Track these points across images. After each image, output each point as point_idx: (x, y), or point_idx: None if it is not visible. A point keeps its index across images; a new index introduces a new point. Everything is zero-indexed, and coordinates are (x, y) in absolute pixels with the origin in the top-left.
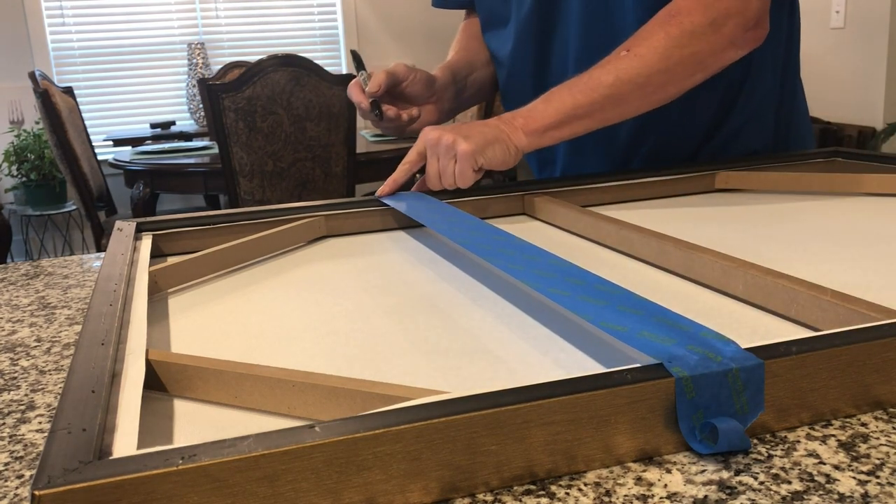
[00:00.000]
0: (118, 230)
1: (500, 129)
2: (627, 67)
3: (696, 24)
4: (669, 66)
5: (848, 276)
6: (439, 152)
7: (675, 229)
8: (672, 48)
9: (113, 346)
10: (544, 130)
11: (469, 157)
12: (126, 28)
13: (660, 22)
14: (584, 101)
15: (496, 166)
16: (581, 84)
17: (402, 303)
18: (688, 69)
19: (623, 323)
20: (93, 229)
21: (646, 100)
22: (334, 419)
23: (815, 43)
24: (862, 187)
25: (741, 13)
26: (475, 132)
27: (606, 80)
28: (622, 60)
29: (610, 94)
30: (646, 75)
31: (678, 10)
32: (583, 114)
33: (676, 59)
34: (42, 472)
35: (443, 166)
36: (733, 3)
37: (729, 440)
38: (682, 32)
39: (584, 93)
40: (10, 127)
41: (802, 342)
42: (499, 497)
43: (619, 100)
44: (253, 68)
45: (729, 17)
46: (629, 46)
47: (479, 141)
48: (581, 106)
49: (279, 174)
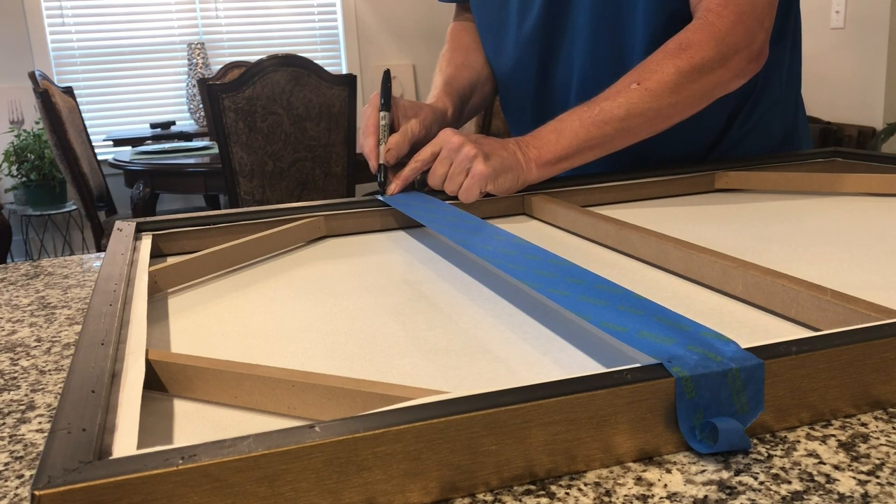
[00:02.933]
0: (118, 230)
1: (516, 158)
2: (639, 101)
3: (706, 59)
4: (679, 99)
5: (848, 276)
6: (454, 159)
7: (675, 229)
8: (682, 82)
9: (113, 346)
10: (556, 162)
11: (482, 179)
12: (126, 28)
13: (670, 54)
14: (596, 134)
15: (500, 193)
16: (592, 116)
17: (402, 303)
18: (695, 101)
19: (623, 323)
20: (93, 229)
21: (653, 129)
22: (334, 419)
23: (815, 43)
24: (861, 187)
25: (748, 46)
26: (496, 155)
27: (618, 114)
28: (633, 94)
29: (621, 128)
30: (656, 109)
31: (689, 44)
32: (593, 145)
33: (686, 93)
34: (42, 472)
35: (452, 174)
36: (742, 37)
37: (729, 440)
38: (692, 67)
39: (595, 125)
40: (10, 127)
41: (802, 342)
42: (499, 497)
43: (629, 132)
44: (253, 68)
45: (737, 51)
46: (639, 79)
47: (497, 166)
48: (592, 139)
49: (279, 174)
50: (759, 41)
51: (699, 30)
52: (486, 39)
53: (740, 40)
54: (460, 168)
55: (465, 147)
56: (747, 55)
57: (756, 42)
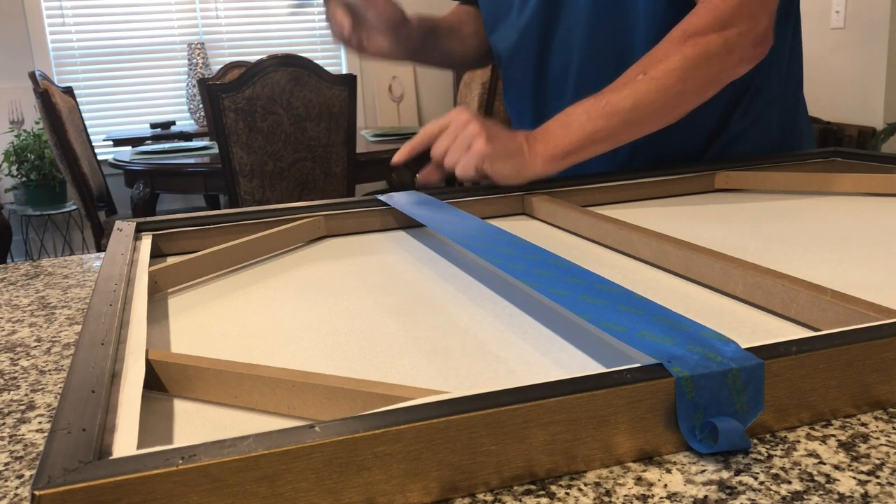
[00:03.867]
0: (118, 230)
1: (522, 150)
2: (646, 92)
3: (711, 45)
4: (686, 87)
5: (848, 276)
6: (458, 134)
7: (675, 229)
8: (689, 70)
9: (113, 346)
10: (563, 156)
11: (479, 157)
12: (126, 28)
13: (675, 42)
14: (603, 127)
15: (500, 181)
16: (599, 108)
17: (402, 303)
18: (703, 88)
19: (623, 323)
20: (93, 229)
21: (661, 120)
22: (334, 419)
23: (815, 43)
24: (861, 187)
25: (752, 30)
26: (500, 139)
27: (625, 105)
28: (640, 85)
29: (628, 119)
30: (663, 99)
31: (694, 31)
32: (601, 139)
33: (693, 81)
34: (42, 472)
35: (454, 147)
36: (745, 22)
37: (729, 440)
38: (697, 54)
39: (603, 117)
40: (10, 127)
41: (802, 342)
42: (499, 497)
43: (636, 123)
44: (253, 68)
45: (741, 36)
46: (645, 69)
47: (498, 149)
48: (600, 131)
49: (279, 174)
50: (764, 25)
51: (703, 15)
52: (488, 24)
53: (743, 25)
54: (462, 143)
55: (471, 125)
56: (752, 39)
57: (760, 26)
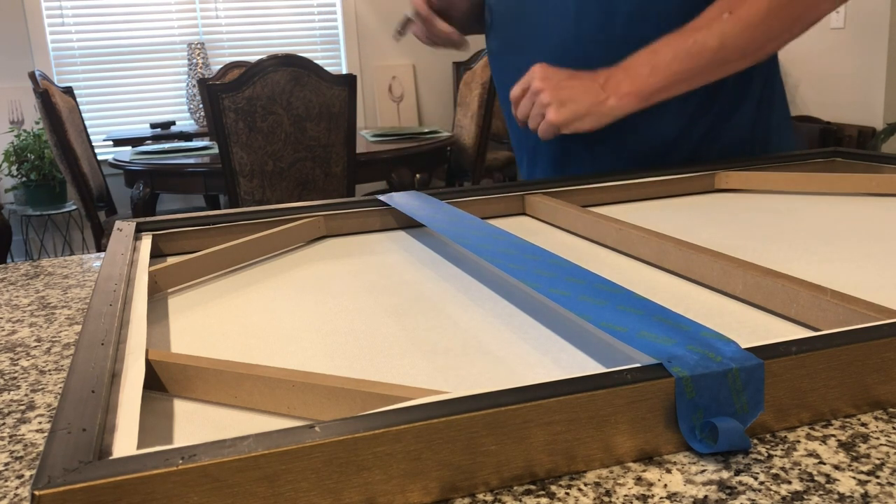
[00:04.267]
0: (118, 230)
1: (597, 98)
2: (731, 32)
3: None
4: (772, 26)
5: (848, 276)
6: (534, 102)
7: (675, 229)
8: (774, 8)
9: (113, 346)
10: (649, 96)
11: (553, 126)
12: (126, 28)
13: None
14: (690, 66)
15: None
16: (687, 47)
17: (402, 303)
18: (788, 27)
19: (623, 323)
20: (93, 229)
21: (745, 61)
22: (334, 419)
23: (815, 43)
24: (861, 187)
25: None
26: (573, 102)
27: (711, 45)
28: (726, 24)
29: (714, 59)
30: (749, 38)
31: None
32: (685, 78)
33: (778, 19)
34: (42, 472)
35: (532, 115)
36: None
37: (729, 440)
38: None
39: (690, 57)
40: (10, 127)
41: (802, 342)
42: (499, 497)
43: (722, 63)
44: (253, 68)
45: None
46: (731, 7)
47: (568, 115)
48: (686, 70)
49: (279, 174)
50: None
51: None
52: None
53: None
54: (537, 112)
55: (543, 94)
56: None
57: None
